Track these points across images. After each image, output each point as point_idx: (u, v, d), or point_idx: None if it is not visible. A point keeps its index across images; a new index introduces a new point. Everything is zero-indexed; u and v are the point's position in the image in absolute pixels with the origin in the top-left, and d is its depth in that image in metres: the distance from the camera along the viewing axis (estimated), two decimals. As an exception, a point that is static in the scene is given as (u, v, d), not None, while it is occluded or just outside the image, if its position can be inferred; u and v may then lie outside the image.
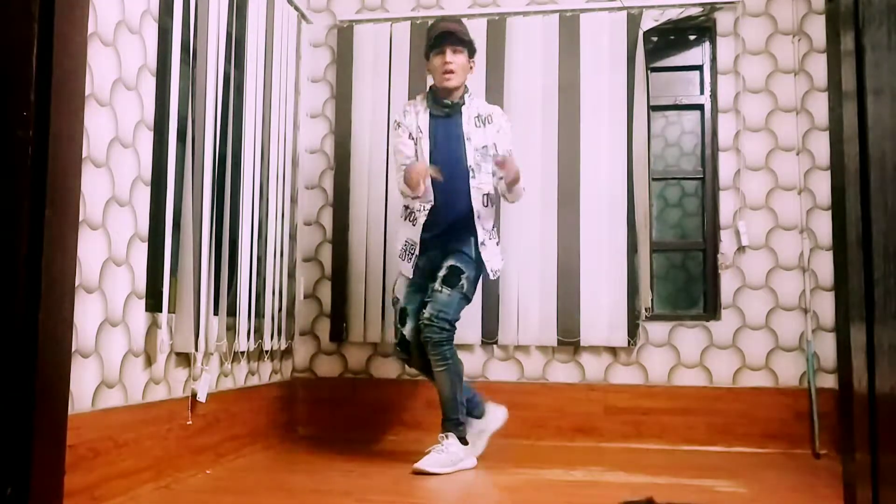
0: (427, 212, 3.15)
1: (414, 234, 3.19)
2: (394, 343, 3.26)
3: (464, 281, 3.09)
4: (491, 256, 3.18)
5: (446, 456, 2.98)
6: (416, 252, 3.17)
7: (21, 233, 1.66)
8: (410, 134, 3.19)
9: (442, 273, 3.08)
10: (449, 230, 3.15)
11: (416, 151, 3.17)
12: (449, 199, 3.14)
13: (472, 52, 3.22)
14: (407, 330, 3.15)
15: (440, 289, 3.06)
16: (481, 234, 3.14)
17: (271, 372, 3.71)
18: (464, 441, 3.08)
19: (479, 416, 3.23)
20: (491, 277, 3.25)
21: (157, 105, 2.71)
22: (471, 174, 3.14)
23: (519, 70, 3.94)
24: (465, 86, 3.24)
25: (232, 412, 3.20)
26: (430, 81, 3.53)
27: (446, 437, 3.04)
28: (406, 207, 3.24)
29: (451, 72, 3.12)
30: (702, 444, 3.64)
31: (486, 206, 3.17)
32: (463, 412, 3.11)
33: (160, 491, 2.55)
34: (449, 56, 3.12)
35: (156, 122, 2.70)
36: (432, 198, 3.13)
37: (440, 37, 3.13)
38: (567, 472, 3.02)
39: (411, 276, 3.20)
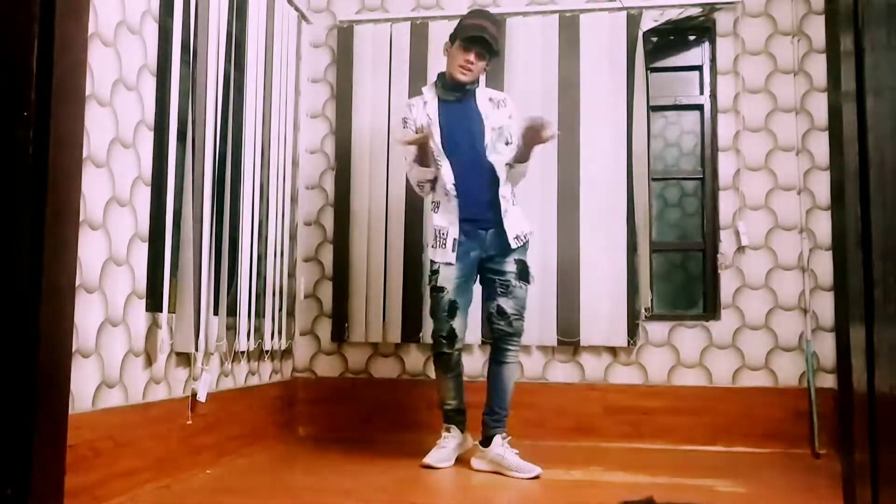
0: (454, 197, 3.09)
1: (446, 221, 3.11)
2: (440, 337, 3.10)
3: (531, 272, 3.16)
4: (512, 224, 3.11)
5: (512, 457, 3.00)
6: (456, 237, 3.09)
7: (21, 233, 1.66)
8: (419, 128, 3.12)
9: (512, 269, 3.09)
10: (483, 212, 3.10)
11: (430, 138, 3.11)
12: (473, 181, 3.10)
13: (495, 56, 3.22)
14: (458, 323, 3.09)
15: (518, 284, 3.10)
16: (504, 207, 3.10)
17: (271, 372, 3.72)
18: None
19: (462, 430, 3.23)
20: (523, 241, 3.16)
21: (157, 105, 2.71)
22: (488, 151, 3.12)
23: (519, 70, 3.94)
24: None
25: (232, 412, 3.21)
26: (431, 78, 3.55)
27: (505, 437, 3.06)
28: (432, 200, 3.20)
29: (469, 70, 3.13)
30: (701, 444, 3.64)
31: (506, 181, 3.14)
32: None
33: (160, 491, 2.55)
34: (473, 57, 3.12)
35: (156, 123, 2.70)
36: (451, 186, 3.08)
37: (475, 38, 3.10)
38: (567, 471, 3.02)
39: (454, 263, 3.08)
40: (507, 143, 3.15)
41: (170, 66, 2.74)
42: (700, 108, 4.02)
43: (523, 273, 3.12)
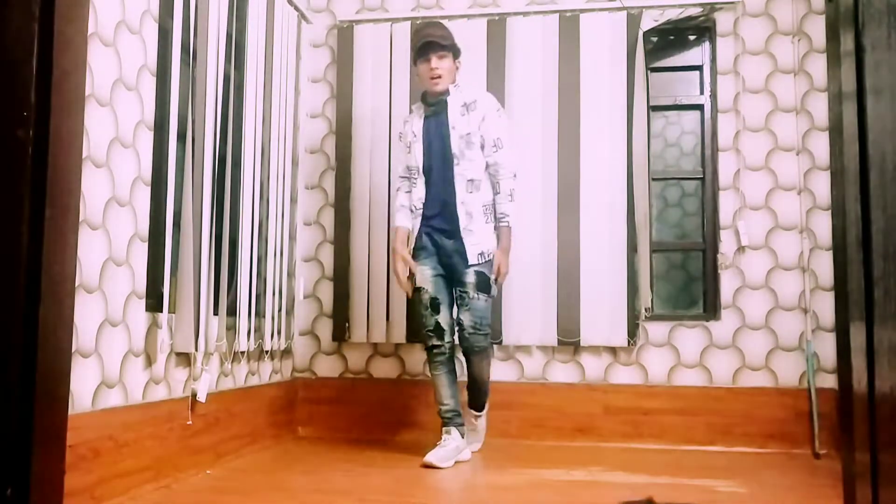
0: (423, 206, 3.28)
1: (417, 224, 3.30)
2: (427, 331, 3.23)
3: (492, 283, 3.24)
4: (478, 241, 3.20)
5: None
6: (427, 244, 3.26)
7: (21, 233, 1.66)
8: (410, 143, 3.34)
9: (472, 280, 3.17)
10: (445, 221, 3.24)
11: (408, 158, 3.35)
12: (443, 189, 3.24)
13: (456, 54, 3.30)
14: (443, 317, 3.23)
15: (476, 296, 3.17)
16: (464, 221, 3.20)
17: (271, 372, 3.71)
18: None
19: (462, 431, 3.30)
20: (484, 258, 3.23)
21: (157, 105, 2.71)
22: (455, 161, 3.21)
23: (519, 70, 3.94)
24: None
25: (232, 412, 3.21)
26: None
27: (476, 417, 3.26)
28: (403, 207, 3.37)
29: (438, 77, 3.23)
30: (702, 444, 3.64)
31: (471, 192, 3.22)
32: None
33: (160, 491, 2.56)
34: (434, 62, 3.22)
35: (156, 123, 2.70)
36: (420, 203, 3.28)
37: (423, 46, 3.23)
38: (567, 472, 3.02)
39: (430, 264, 3.26)
40: (481, 147, 3.22)
41: (170, 66, 2.74)
42: (700, 107, 4.02)
43: (482, 285, 3.19)
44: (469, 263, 3.18)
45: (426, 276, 3.25)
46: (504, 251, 3.24)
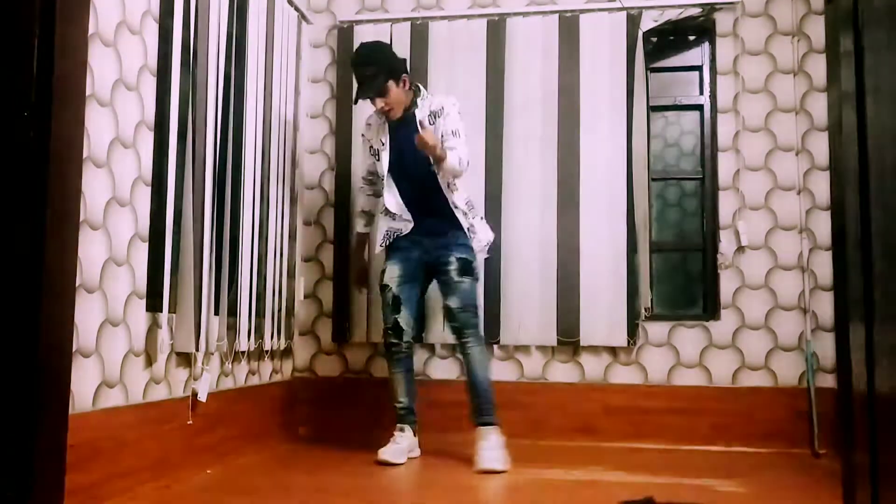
0: (392, 216, 3.30)
1: (396, 225, 3.30)
2: (386, 329, 3.31)
3: (475, 268, 3.29)
4: (479, 232, 3.32)
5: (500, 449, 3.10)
6: (402, 244, 3.30)
7: (22, 233, 1.66)
8: (371, 146, 3.38)
9: (454, 266, 3.22)
10: (431, 223, 3.27)
11: (376, 164, 3.36)
12: (420, 194, 3.27)
13: (397, 75, 3.21)
14: (403, 316, 3.27)
15: (460, 279, 3.21)
16: (448, 217, 3.25)
17: (272, 372, 3.72)
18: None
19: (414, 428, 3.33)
20: (486, 255, 3.44)
21: (157, 105, 2.71)
22: (433, 165, 3.21)
23: (518, 70, 3.94)
24: (416, 90, 3.32)
25: (232, 412, 3.21)
26: (431, 78, 3.63)
27: (488, 431, 3.12)
28: (385, 208, 3.34)
29: (390, 108, 3.24)
30: (701, 444, 3.64)
31: (452, 191, 3.27)
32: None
33: (161, 490, 2.56)
34: (379, 103, 3.24)
35: (156, 123, 2.70)
36: (396, 207, 3.28)
37: (359, 91, 3.22)
38: (567, 471, 3.02)
39: (399, 263, 3.29)
40: (454, 135, 3.20)
41: (170, 66, 2.74)
42: (700, 108, 4.02)
43: (465, 269, 3.24)
44: (445, 250, 3.23)
45: (393, 274, 3.29)
46: (435, 143, 3.06)
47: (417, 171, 3.24)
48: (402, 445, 3.21)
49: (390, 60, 3.25)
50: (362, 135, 3.52)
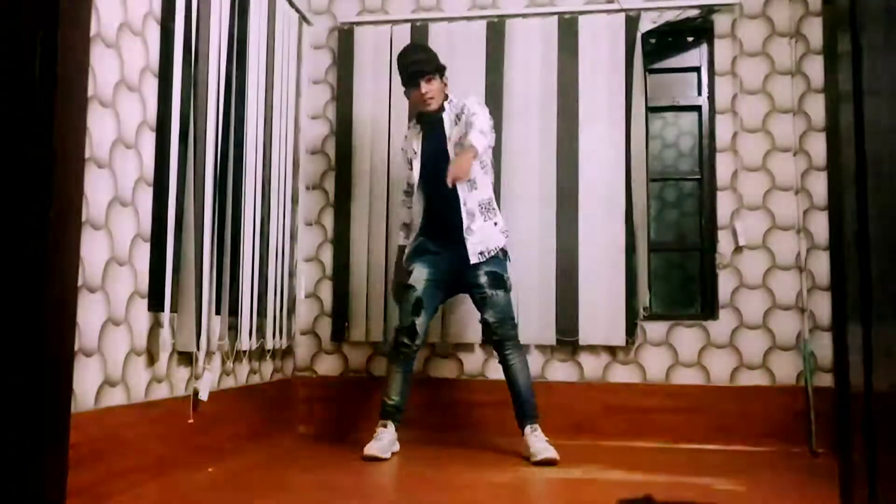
0: (418, 227, 3.37)
1: (413, 239, 3.40)
2: (398, 327, 3.30)
3: (507, 279, 3.31)
4: (479, 240, 3.26)
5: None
6: (411, 252, 3.37)
7: (25, 233, 1.67)
8: (408, 157, 3.46)
9: (484, 280, 3.26)
10: (452, 230, 3.28)
11: (412, 173, 3.43)
12: (444, 202, 3.28)
13: (442, 73, 3.38)
14: (421, 320, 3.27)
15: (494, 293, 3.25)
16: (466, 221, 3.25)
17: (272, 371, 3.73)
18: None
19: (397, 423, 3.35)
20: (485, 257, 3.31)
21: (159, 106, 2.72)
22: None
23: (518, 71, 3.95)
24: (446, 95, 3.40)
25: (234, 411, 3.22)
26: None
27: (535, 428, 3.22)
28: (405, 225, 3.50)
29: (431, 98, 3.32)
30: (699, 443, 3.66)
31: (471, 191, 3.28)
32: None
33: (162, 489, 2.57)
34: (423, 87, 3.31)
35: (158, 123, 2.71)
36: (418, 218, 3.37)
37: (411, 75, 3.32)
38: (566, 470, 3.03)
39: (429, 267, 3.31)
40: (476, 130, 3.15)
41: (172, 67, 2.75)
42: (698, 109, 4.04)
43: (496, 282, 3.27)
44: (471, 263, 3.23)
45: (421, 276, 3.31)
46: (467, 156, 3.03)
47: (441, 176, 3.19)
48: (385, 441, 3.24)
49: (437, 57, 3.41)
50: (402, 148, 3.62)
